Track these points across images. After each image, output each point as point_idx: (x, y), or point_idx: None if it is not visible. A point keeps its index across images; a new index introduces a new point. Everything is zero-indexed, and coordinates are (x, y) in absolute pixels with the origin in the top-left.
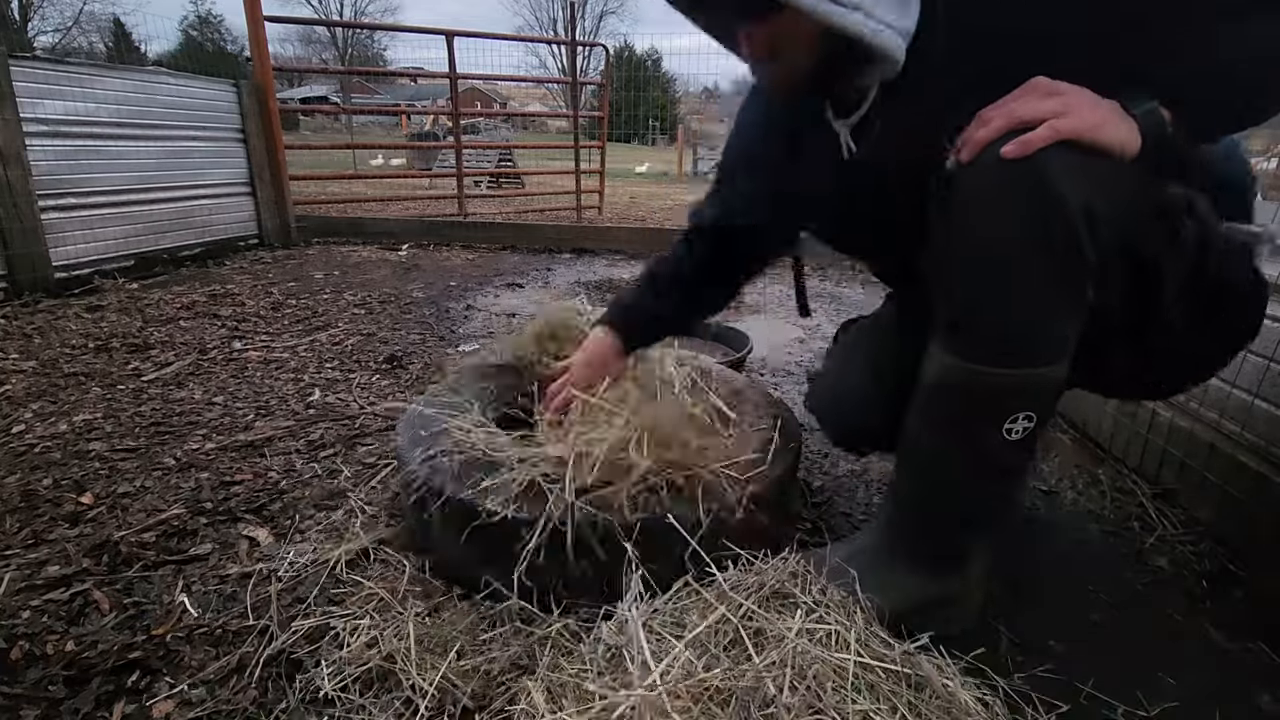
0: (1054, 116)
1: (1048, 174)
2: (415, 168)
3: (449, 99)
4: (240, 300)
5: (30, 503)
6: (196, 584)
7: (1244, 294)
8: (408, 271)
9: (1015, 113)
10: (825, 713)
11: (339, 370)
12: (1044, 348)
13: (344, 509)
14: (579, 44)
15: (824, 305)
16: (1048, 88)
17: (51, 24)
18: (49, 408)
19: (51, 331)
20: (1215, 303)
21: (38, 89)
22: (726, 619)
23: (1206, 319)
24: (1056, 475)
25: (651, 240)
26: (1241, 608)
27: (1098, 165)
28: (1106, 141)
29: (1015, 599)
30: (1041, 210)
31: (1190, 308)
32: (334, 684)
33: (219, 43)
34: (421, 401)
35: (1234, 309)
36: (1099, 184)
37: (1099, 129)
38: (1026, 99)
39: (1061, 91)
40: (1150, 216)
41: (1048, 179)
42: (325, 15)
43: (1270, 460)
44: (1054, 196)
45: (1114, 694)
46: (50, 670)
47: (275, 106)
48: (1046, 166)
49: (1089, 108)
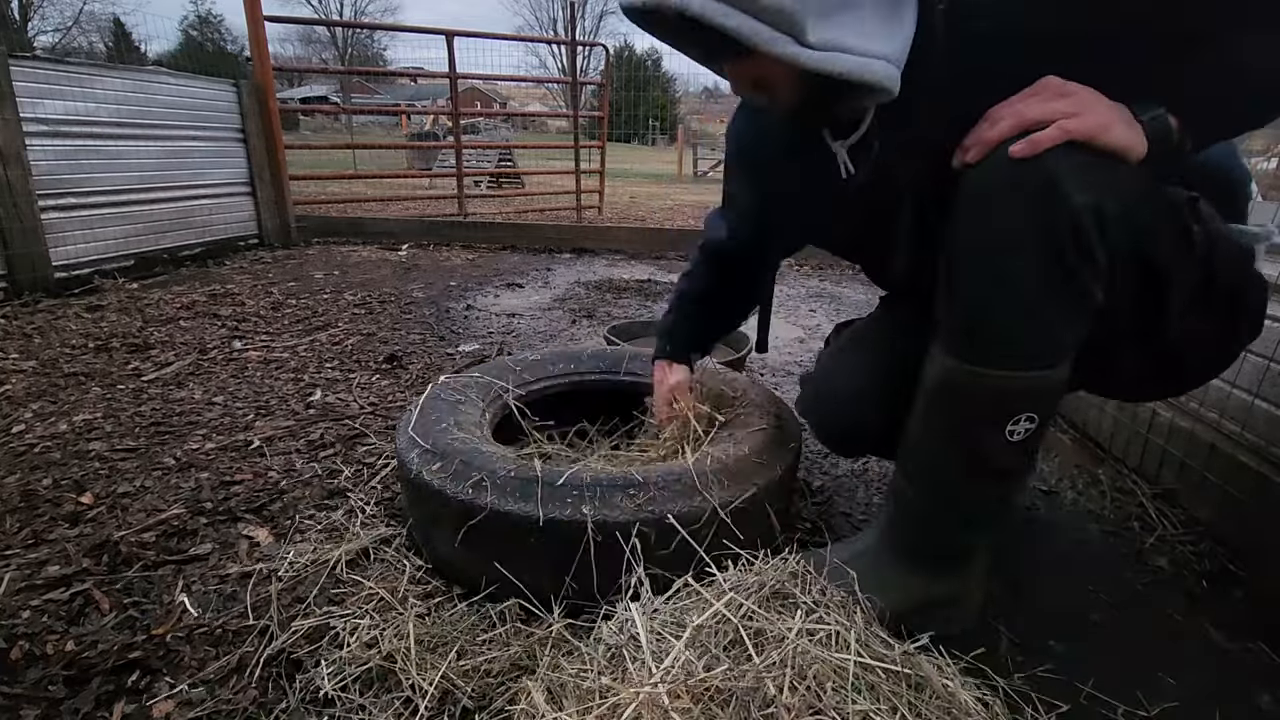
0: (1064, 117)
1: (1056, 174)
2: (415, 168)
3: (449, 99)
4: (240, 300)
5: (30, 503)
6: (196, 584)
7: (1245, 294)
8: (408, 271)
9: (1024, 113)
10: (825, 713)
11: (339, 370)
12: (1048, 350)
13: (344, 509)
14: (579, 44)
15: (824, 305)
16: (1058, 88)
17: (51, 24)
18: (49, 408)
19: (51, 331)
20: (1219, 304)
21: (38, 89)
22: (726, 619)
23: (1211, 320)
24: (1056, 475)
25: (651, 240)
26: (1241, 608)
27: (1106, 167)
28: (1114, 144)
29: (1015, 599)
30: (1050, 211)
31: (1196, 310)
32: (334, 684)
33: (219, 43)
34: None
35: (1236, 310)
36: (1108, 185)
37: (1108, 131)
38: (1036, 99)
39: (1072, 92)
40: (1159, 218)
41: (1056, 179)
42: (325, 15)
43: (1270, 460)
44: (1062, 196)
45: (1114, 694)
46: (50, 670)
47: (275, 106)
48: (1055, 167)
49: (1098, 109)
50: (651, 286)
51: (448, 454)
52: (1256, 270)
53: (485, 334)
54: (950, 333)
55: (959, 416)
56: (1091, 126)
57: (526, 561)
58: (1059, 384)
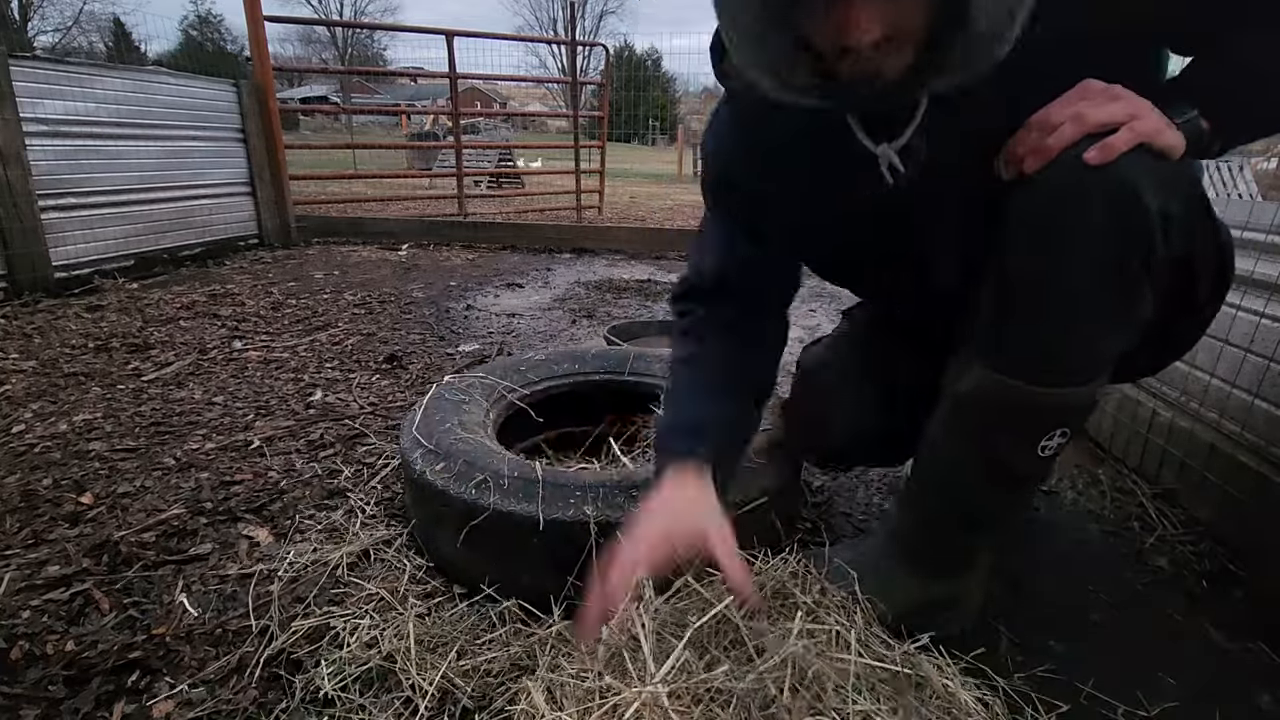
0: (1127, 120)
1: (1136, 180)
2: (415, 168)
3: (449, 99)
4: (240, 300)
5: (30, 503)
6: (196, 584)
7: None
8: (408, 271)
9: (1087, 117)
10: (826, 714)
11: (339, 370)
12: (1094, 365)
13: (344, 509)
14: (579, 44)
15: (824, 305)
16: (1105, 91)
17: (51, 24)
18: (49, 408)
19: (51, 331)
20: (1221, 289)
21: (38, 89)
22: (727, 619)
23: (1205, 303)
24: (1056, 475)
25: (651, 240)
26: (1241, 608)
27: (1170, 168)
28: (1167, 145)
29: (1015, 599)
30: (1132, 217)
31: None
32: (334, 684)
33: (219, 43)
34: None
35: (1223, 290)
36: (1173, 187)
37: (1162, 133)
38: (1089, 103)
39: (1121, 95)
40: (1197, 216)
41: (1138, 186)
42: (325, 15)
43: (1270, 460)
44: (1144, 202)
45: (1114, 694)
46: (50, 670)
47: (275, 106)
48: (1132, 171)
49: (1151, 112)
50: (651, 286)
51: (451, 454)
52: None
53: (485, 334)
54: (991, 343)
55: (991, 429)
56: (1151, 129)
57: (528, 561)
58: (1095, 398)
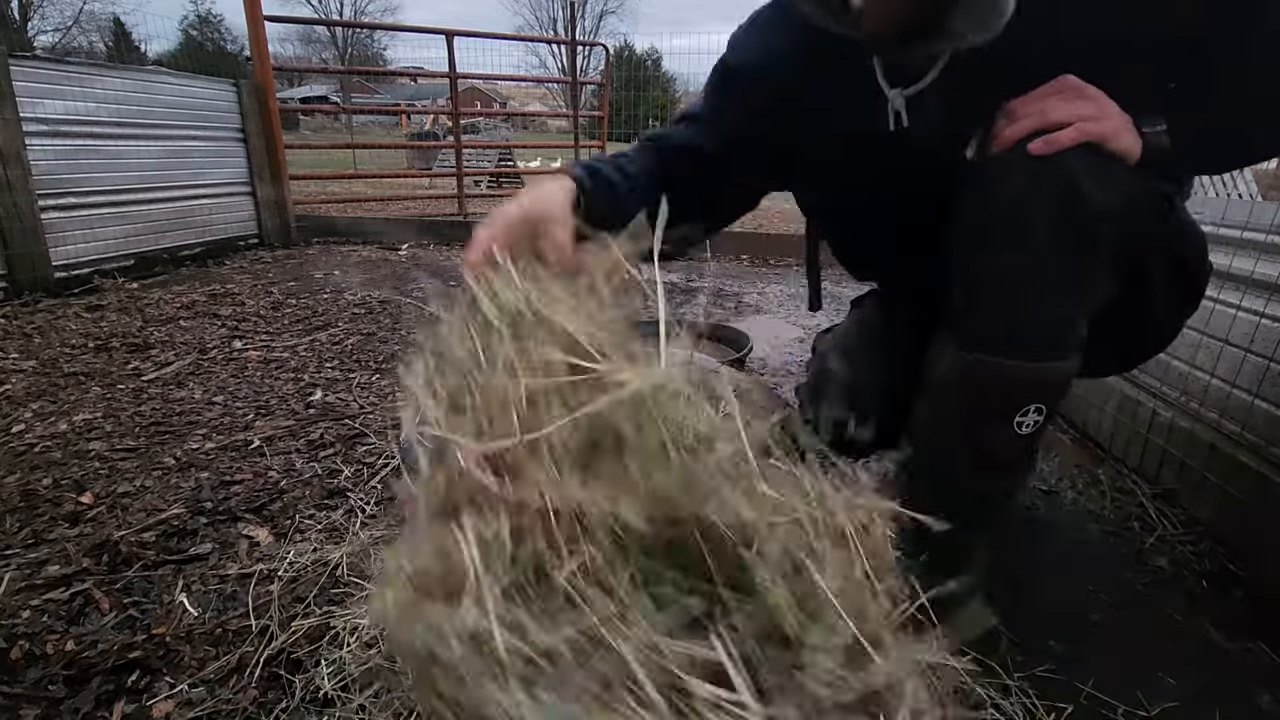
0: (1085, 119)
1: (1075, 173)
2: (415, 167)
3: (449, 99)
4: (240, 300)
5: (30, 503)
6: (196, 584)
7: (1199, 270)
8: (408, 271)
9: (1048, 113)
10: None
11: (339, 370)
12: (1061, 341)
13: (344, 509)
14: (579, 44)
15: (824, 304)
16: (1077, 88)
17: (51, 23)
18: (49, 407)
19: (51, 331)
20: (1188, 286)
21: (38, 88)
22: None
23: (1176, 298)
24: (1056, 475)
25: None
26: (1241, 608)
27: (1116, 168)
28: (1118, 148)
29: (1015, 599)
30: (1069, 207)
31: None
32: (334, 684)
33: (219, 42)
34: None
35: (1196, 290)
36: (1116, 185)
37: (1118, 136)
38: (1058, 98)
39: (1092, 95)
40: (1152, 214)
41: (1076, 178)
42: (325, 15)
43: (1270, 460)
44: (1081, 195)
45: (1114, 694)
46: (50, 670)
47: (275, 106)
48: (1073, 166)
49: (1112, 114)
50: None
51: None
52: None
53: None
54: (961, 324)
55: (968, 407)
56: (1106, 130)
57: None
58: (1068, 375)
